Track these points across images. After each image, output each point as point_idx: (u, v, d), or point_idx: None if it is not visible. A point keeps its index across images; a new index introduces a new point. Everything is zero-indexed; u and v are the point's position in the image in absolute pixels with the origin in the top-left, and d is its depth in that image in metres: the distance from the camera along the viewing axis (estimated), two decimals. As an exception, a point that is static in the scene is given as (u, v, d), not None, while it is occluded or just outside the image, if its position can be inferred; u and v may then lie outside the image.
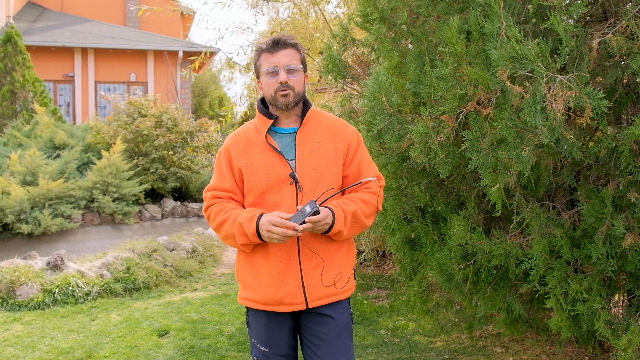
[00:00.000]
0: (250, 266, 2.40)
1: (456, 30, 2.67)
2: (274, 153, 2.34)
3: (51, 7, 21.75)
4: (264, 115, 2.40)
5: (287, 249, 2.30)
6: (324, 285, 2.35)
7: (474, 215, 3.29)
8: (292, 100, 2.33)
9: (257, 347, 2.43)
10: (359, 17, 3.71)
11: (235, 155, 2.39)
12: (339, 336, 2.39)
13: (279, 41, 2.33)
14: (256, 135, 2.39)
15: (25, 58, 14.25)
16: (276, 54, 2.32)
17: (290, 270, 2.31)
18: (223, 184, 2.42)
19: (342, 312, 2.42)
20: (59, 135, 11.59)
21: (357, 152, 2.44)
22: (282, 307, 2.35)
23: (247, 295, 2.43)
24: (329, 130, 2.41)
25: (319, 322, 2.38)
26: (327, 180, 2.34)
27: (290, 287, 2.32)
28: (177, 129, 11.91)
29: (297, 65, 2.34)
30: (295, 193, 2.31)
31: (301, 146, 2.35)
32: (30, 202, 9.49)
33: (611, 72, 2.74)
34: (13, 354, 4.47)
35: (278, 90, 2.31)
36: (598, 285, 2.87)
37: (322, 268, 2.34)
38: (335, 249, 2.38)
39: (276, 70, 2.31)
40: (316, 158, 2.34)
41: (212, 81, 32.65)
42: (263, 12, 8.84)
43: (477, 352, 4.31)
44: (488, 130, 2.73)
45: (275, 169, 2.32)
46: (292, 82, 2.32)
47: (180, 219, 11.87)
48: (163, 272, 6.81)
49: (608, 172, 2.87)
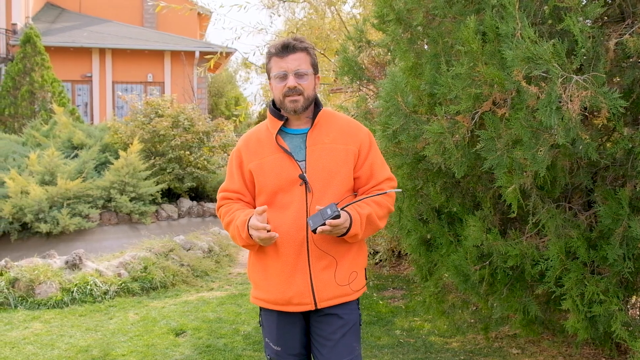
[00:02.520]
0: (261, 266, 2.42)
1: (472, 30, 2.68)
2: (284, 154, 2.35)
3: (69, 8, 21.97)
4: (274, 116, 2.41)
5: (297, 250, 2.31)
6: (338, 285, 2.35)
7: (489, 216, 3.28)
8: (301, 105, 2.33)
9: (270, 346, 2.44)
10: (375, 19, 3.72)
11: (246, 156, 2.41)
12: (344, 336, 2.38)
13: (288, 45, 2.32)
14: (267, 137, 2.41)
15: (44, 58, 14.43)
16: (285, 58, 2.32)
17: (299, 271, 2.32)
18: (233, 185, 2.45)
19: (350, 313, 2.41)
20: (77, 135, 11.71)
21: (369, 153, 2.43)
22: (291, 307, 2.36)
23: (258, 294, 2.45)
24: (340, 132, 2.41)
25: (326, 322, 2.39)
26: (337, 181, 2.34)
27: (299, 287, 2.32)
28: (193, 129, 11.98)
29: (306, 69, 2.33)
30: (305, 194, 2.31)
31: (311, 147, 2.35)
32: (49, 201, 9.60)
33: (628, 73, 2.72)
34: (32, 351, 4.53)
35: (286, 95, 2.31)
36: (615, 287, 2.85)
37: (335, 268, 2.35)
38: (347, 249, 2.38)
39: (285, 75, 2.31)
40: (326, 159, 2.34)
41: (229, 81, 32.76)
42: (279, 12, 8.87)
43: (492, 353, 4.30)
44: (503, 131, 2.73)
45: (285, 170, 2.33)
46: (302, 86, 2.31)
47: (196, 218, 11.93)
48: (180, 272, 6.86)
49: (625, 173, 2.85)
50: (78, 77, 18.56)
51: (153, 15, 22.72)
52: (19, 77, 14.20)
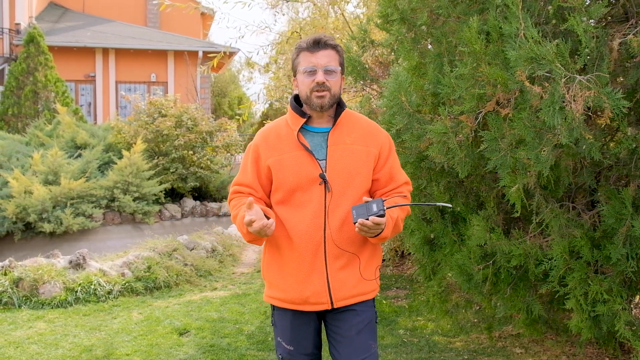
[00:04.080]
0: (277, 265, 2.41)
1: (475, 31, 2.68)
2: (304, 152, 2.33)
3: (73, 8, 22.01)
4: (296, 112, 2.39)
5: (314, 249, 2.30)
6: (365, 280, 2.36)
7: (493, 216, 3.29)
8: (328, 102, 2.32)
9: (283, 346, 2.43)
10: (378, 18, 3.72)
11: (265, 152, 2.38)
12: (359, 334, 2.38)
13: (319, 41, 2.31)
14: (287, 133, 2.38)
15: (48, 58, 14.47)
16: (316, 53, 2.31)
17: (316, 270, 2.32)
18: (245, 179, 2.43)
19: (366, 310, 2.41)
20: (81, 135, 11.74)
21: (389, 156, 2.43)
22: (308, 307, 2.36)
23: (273, 293, 2.44)
24: (362, 133, 2.40)
25: (342, 319, 2.39)
26: (357, 182, 2.33)
27: (315, 287, 2.32)
28: (196, 128, 12.00)
29: (335, 66, 2.32)
30: (324, 193, 2.30)
31: (333, 147, 2.34)
32: (52, 201, 9.62)
33: (632, 73, 2.72)
34: (37, 351, 4.55)
35: (314, 90, 2.30)
36: (618, 286, 2.85)
37: (360, 264, 2.35)
38: (364, 248, 2.38)
39: (314, 70, 2.30)
40: (347, 160, 2.33)
41: (232, 81, 32.78)
42: (283, 12, 8.89)
43: (496, 353, 4.30)
44: (507, 131, 2.73)
45: (305, 168, 2.31)
46: (330, 83, 2.30)
47: (199, 218, 11.95)
48: (183, 271, 6.87)
49: (628, 173, 2.85)
50: (81, 77, 18.60)
51: (156, 15, 22.74)
52: (22, 77, 14.24)
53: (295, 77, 2.41)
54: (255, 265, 7.97)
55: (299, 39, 8.22)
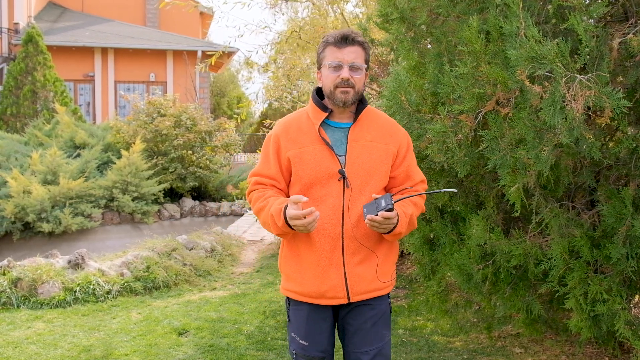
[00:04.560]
0: (295, 258, 2.42)
1: (475, 30, 2.67)
2: (324, 146, 2.33)
3: (72, 7, 22.01)
4: (318, 107, 2.38)
5: (332, 244, 2.31)
6: (379, 280, 2.38)
7: (492, 215, 3.28)
8: (351, 98, 2.32)
9: (297, 341, 2.43)
10: (378, 17, 3.72)
11: (285, 144, 2.37)
12: (374, 325, 2.42)
13: (347, 37, 2.31)
14: (308, 126, 2.38)
15: (46, 58, 14.47)
16: (343, 49, 2.30)
17: (334, 265, 2.33)
18: (268, 170, 2.41)
19: (381, 304, 2.45)
20: (79, 134, 11.74)
21: (407, 155, 2.45)
22: (324, 301, 2.37)
23: (290, 286, 2.44)
24: (381, 130, 2.41)
25: (357, 312, 2.42)
26: (376, 179, 2.34)
27: (333, 281, 2.33)
28: (195, 128, 12.00)
29: (361, 63, 2.32)
30: (342, 189, 2.31)
31: (352, 143, 2.35)
32: (51, 201, 9.62)
33: (632, 73, 2.72)
34: (35, 351, 4.54)
35: (338, 85, 2.30)
36: (618, 286, 2.85)
37: (377, 263, 2.37)
38: (381, 244, 2.39)
39: (340, 65, 2.29)
40: (367, 157, 2.34)
41: (231, 81, 32.79)
42: (282, 11, 8.87)
43: (495, 353, 4.30)
44: (507, 130, 2.73)
45: (324, 162, 2.32)
46: (354, 79, 2.30)
47: (199, 218, 11.96)
48: (182, 271, 6.86)
49: (628, 172, 2.85)
50: (80, 76, 18.60)
51: (155, 14, 22.75)
52: (21, 77, 14.24)
53: (319, 70, 2.41)
54: (253, 265, 7.97)
55: (298, 38, 8.22)
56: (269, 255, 8.46)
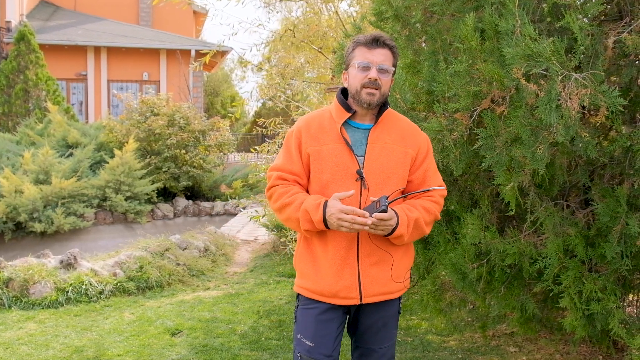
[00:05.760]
0: (310, 256, 2.42)
1: (471, 27, 2.67)
2: (344, 146, 2.34)
3: (64, 6, 21.91)
4: (342, 106, 2.40)
5: (347, 244, 2.32)
6: (394, 282, 2.41)
7: (487, 214, 3.27)
8: (377, 100, 2.34)
9: (303, 343, 2.41)
10: (372, 16, 3.70)
11: (306, 140, 2.38)
12: (385, 326, 2.48)
13: (379, 39, 2.33)
14: (330, 124, 2.39)
15: (39, 56, 14.39)
16: (373, 50, 2.33)
17: (348, 265, 2.34)
18: (291, 166, 2.41)
19: (392, 306, 2.49)
20: (72, 133, 11.68)
21: (425, 159, 2.45)
22: (337, 300, 2.37)
23: (304, 283, 2.45)
24: (402, 133, 2.42)
25: (369, 312, 2.45)
26: (393, 182, 2.35)
27: (347, 281, 2.34)
28: (189, 127, 11.97)
29: (389, 66, 2.34)
30: (360, 189, 2.32)
31: (372, 144, 2.36)
32: (43, 200, 9.57)
33: (626, 71, 2.72)
34: (27, 352, 4.51)
35: (365, 86, 2.31)
36: (612, 285, 2.85)
37: (392, 264, 2.39)
38: (395, 247, 2.40)
39: (368, 66, 2.31)
40: (385, 159, 2.35)
41: (224, 80, 32.75)
42: (276, 10, 8.85)
43: (490, 352, 4.30)
44: (502, 129, 2.72)
45: (343, 162, 2.33)
46: (381, 81, 2.32)
47: (192, 217, 11.93)
48: (175, 271, 6.83)
49: (623, 171, 2.85)
50: (73, 75, 18.52)
51: (149, 13, 22.68)
52: (13, 75, 14.16)
53: (346, 71, 2.43)
54: (247, 265, 7.95)
55: (292, 37, 8.20)
56: (262, 255, 8.43)
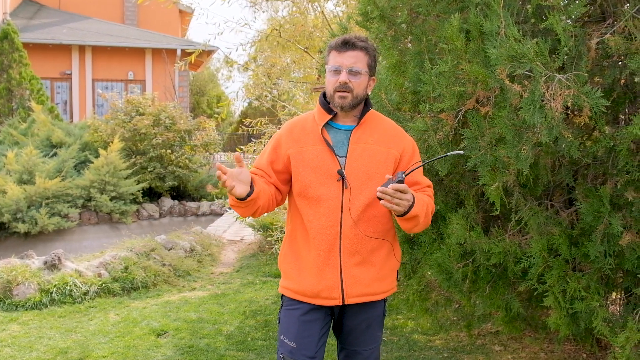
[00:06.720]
0: (293, 257, 2.43)
1: (456, 28, 2.68)
2: (325, 147, 2.35)
3: (48, 4, 21.70)
4: (323, 108, 2.41)
5: (329, 244, 2.32)
6: (378, 283, 2.39)
7: (472, 214, 3.29)
8: (349, 103, 2.33)
9: (285, 344, 2.40)
10: (358, 16, 3.71)
11: (287, 142, 2.40)
12: (369, 327, 2.47)
13: (348, 42, 2.33)
14: (312, 127, 2.41)
15: (22, 55, 14.23)
16: (343, 54, 2.32)
17: (330, 266, 2.34)
18: (260, 163, 2.44)
19: (377, 307, 2.48)
20: (56, 133, 11.58)
21: (412, 159, 2.44)
22: (319, 301, 2.37)
23: (287, 284, 2.45)
24: (385, 135, 2.42)
25: (353, 313, 2.44)
26: (375, 182, 2.33)
27: (329, 281, 2.34)
28: (175, 127, 11.91)
29: (360, 68, 2.32)
30: (341, 190, 2.32)
31: (354, 145, 2.36)
32: (27, 201, 9.48)
33: (609, 72, 2.75)
34: (10, 354, 4.46)
35: (337, 89, 2.32)
36: (596, 283, 2.88)
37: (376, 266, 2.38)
38: (379, 248, 2.39)
39: (339, 70, 2.32)
40: (367, 159, 2.35)
41: (210, 80, 32.63)
42: (263, 9, 8.83)
43: (475, 350, 4.32)
44: (487, 129, 2.74)
45: (324, 163, 2.33)
46: (352, 84, 2.31)
47: (178, 218, 11.88)
48: (161, 272, 6.80)
49: (606, 171, 2.87)
50: (57, 74, 18.35)
51: (134, 12, 22.53)
52: (-4, 75, 13.99)
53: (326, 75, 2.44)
54: (233, 265, 7.93)
55: (278, 37, 8.18)
56: (249, 255, 8.42)
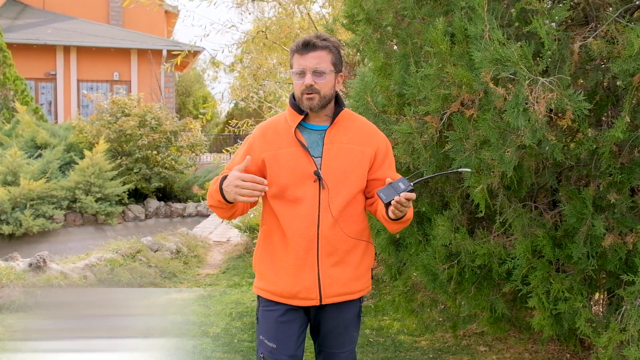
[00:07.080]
0: (269, 258, 2.42)
1: (441, 31, 2.70)
2: (300, 148, 2.34)
3: (33, 4, 21.51)
4: (294, 110, 2.39)
5: (306, 245, 2.31)
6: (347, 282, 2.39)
7: (458, 216, 3.31)
8: (317, 104, 2.31)
9: (265, 344, 2.40)
10: (344, 18, 3.72)
11: (260, 146, 2.38)
12: (346, 329, 2.46)
13: (308, 43, 2.31)
14: (285, 129, 2.39)
15: (6, 56, 14.10)
16: (305, 56, 2.30)
17: (308, 266, 2.33)
18: (232, 164, 2.43)
19: (353, 307, 2.48)
20: (41, 134, 11.48)
21: (386, 157, 2.45)
22: (297, 301, 2.36)
23: (263, 285, 2.43)
24: (359, 133, 2.42)
25: (330, 314, 2.43)
26: (351, 181, 2.35)
27: (306, 282, 2.33)
28: (161, 128, 11.86)
29: (324, 68, 2.31)
30: (318, 191, 2.31)
31: (329, 145, 2.35)
32: (11, 202, 9.39)
33: (592, 75, 2.78)
34: (-5, 355, 4.43)
35: (303, 92, 2.30)
36: (579, 284, 2.91)
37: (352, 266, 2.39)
38: (355, 248, 2.40)
39: (303, 72, 2.30)
40: (342, 159, 2.35)
41: (197, 80, 32.52)
42: (249, 11, 8.83)
43: (461, 351, 4.35)
44: (471, 131, 2.76)
45: (300, 164, 2.32)
46: (319, 85, 2.30)
47: (164, 219, 11.82)
48: (147, 273, 6.77)
49: (589, 173, 2.91)
50: (42, 75, 18.21)
51: (119, 12, 22.40)
52: (-21, 75, 13.86)
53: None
54: (220, 267, 7.91)
55: (264, 38, 8.19)
56: (235, 257, 8.40)
